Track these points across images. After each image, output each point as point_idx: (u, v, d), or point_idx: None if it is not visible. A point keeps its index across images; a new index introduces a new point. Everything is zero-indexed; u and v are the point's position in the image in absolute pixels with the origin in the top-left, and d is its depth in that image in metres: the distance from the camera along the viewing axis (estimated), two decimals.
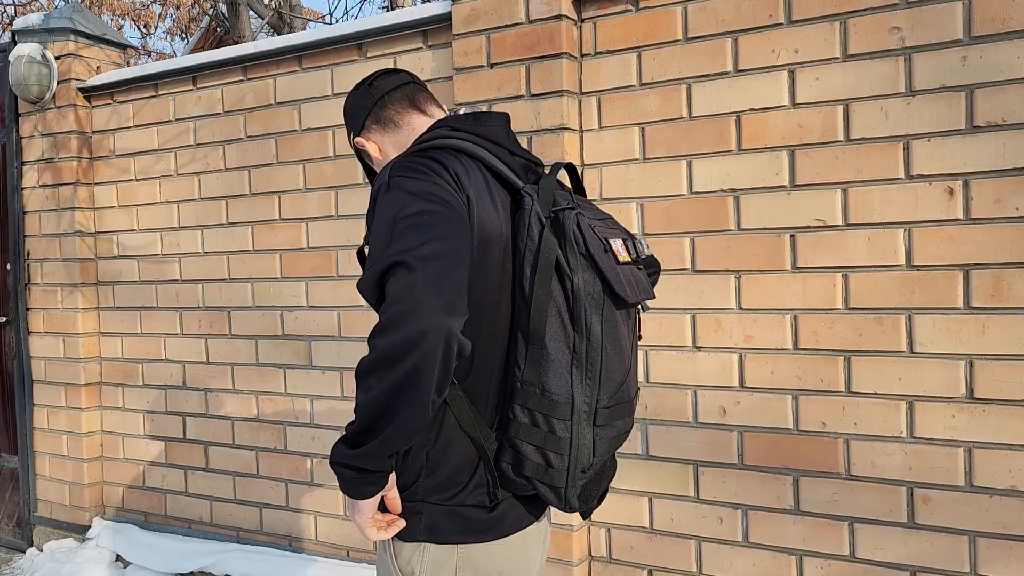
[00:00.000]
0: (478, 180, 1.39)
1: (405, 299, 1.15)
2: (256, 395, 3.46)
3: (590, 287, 1.33)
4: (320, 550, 3.33)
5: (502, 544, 1.43)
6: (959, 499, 2.22)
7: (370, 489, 1.30)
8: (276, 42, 3.33)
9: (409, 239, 1.20)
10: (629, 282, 1.40)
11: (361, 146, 1.63)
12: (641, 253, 1.49)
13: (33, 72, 3.79)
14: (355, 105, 1.65)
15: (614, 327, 1.37)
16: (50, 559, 3.78)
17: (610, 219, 1.52)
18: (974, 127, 2.18)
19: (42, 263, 3.97)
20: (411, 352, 1.14)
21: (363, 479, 1.27)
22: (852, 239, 2.32)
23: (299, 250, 3.32)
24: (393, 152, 1.59)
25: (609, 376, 1.36)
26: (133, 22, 13.92)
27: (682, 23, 2.54)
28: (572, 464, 1.35)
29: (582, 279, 1.33)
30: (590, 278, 1.34)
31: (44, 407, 4.02)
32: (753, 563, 2.48)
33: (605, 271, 1.34)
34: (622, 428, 1.44)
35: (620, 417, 1.41)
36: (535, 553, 1.53)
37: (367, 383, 1.19)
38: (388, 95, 1.61)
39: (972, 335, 2.19)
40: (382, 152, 1.62)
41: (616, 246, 1.41)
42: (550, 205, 1.38)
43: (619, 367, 1.38)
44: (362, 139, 1.63)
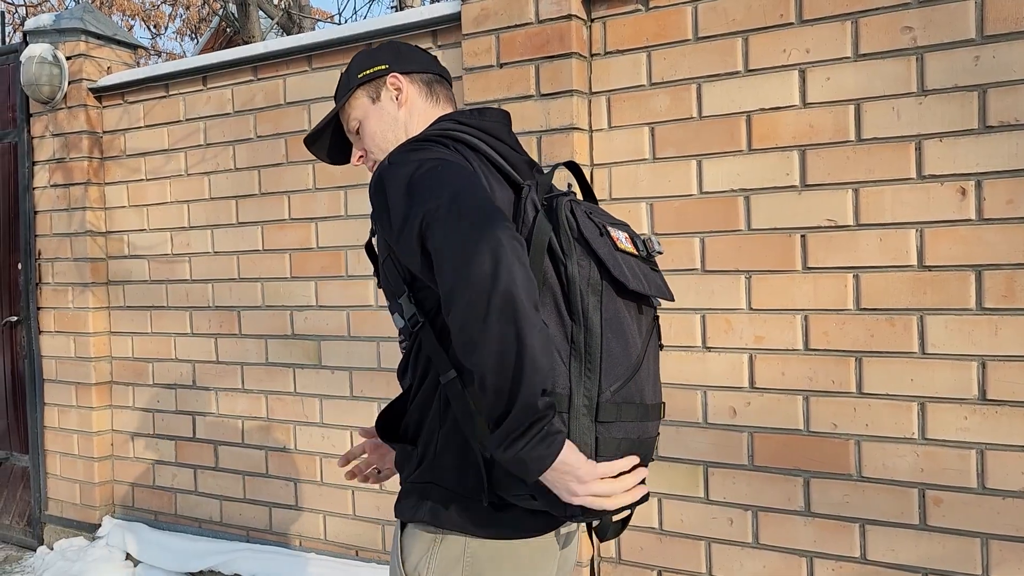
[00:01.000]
0: (483, 172, 1.37)
1: (456, 239, 1.14)
2: (266, 395, 3.47)
3: (585, 272, 1.27)
4: (329, 550, 3.33)
5: (511, 551, 1.35)
6: (971, 501, 2.21)
7: (556, 442, 1.15)
8: (286, 42, 3.34)
9: (432, 189, 1.20)
10: (632, 270, 1.32)
11: (395, 85, 1.54)
12: (652, 250, 1.42)
13: (44, 72, 3.80)
14: (396, 52, 1.59)
15: (616, 316, 1.28)
16: (61, 557, 3.79)
17: (618, 221, 1.46)
18: (987, 127, 2.16)
19: (53, 263, 3.99)
20: (497, 271, 1.11)
21: (541, 438, 1.14)
22: (863, 239, 2.31)
23: (309, 250, 3.32)
24: (396, 126, 1.55)
25: (611, 366, 1.26)
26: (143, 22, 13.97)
27: (692, 23, 2.53)
28: None
29: (576, 265, 1.26)
30: (586, 264, 1.27)
31: (55, 406, 4.04)
32: (763, 564, 2.47)
33: (601, 254, 1.27)
34: (634, 433, 1.29)
35: (631, 419, 1.28)
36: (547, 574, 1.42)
37: (470, 335, 1.12)
38: (432, 71, 1.61)
39: (984, 336, 2.18)
40: (404, 106, 1.54)
41: (615, 233, 1.35)
42: (546, 193, 1.35)
43: (624, 358, 1.28)
44: (399, 79, 1.54)
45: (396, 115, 1.55)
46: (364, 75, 1.55)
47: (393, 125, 1.55)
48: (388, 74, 1.55)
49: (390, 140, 1.54)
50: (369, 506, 3.21)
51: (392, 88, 1.55)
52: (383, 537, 3.20)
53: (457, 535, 1.35)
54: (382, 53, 1.58)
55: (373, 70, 1.55)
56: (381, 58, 1.57)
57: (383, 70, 1.55)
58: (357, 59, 1.59)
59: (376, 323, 3.15)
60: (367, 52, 1.59)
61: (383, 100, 1.55)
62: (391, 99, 1.55)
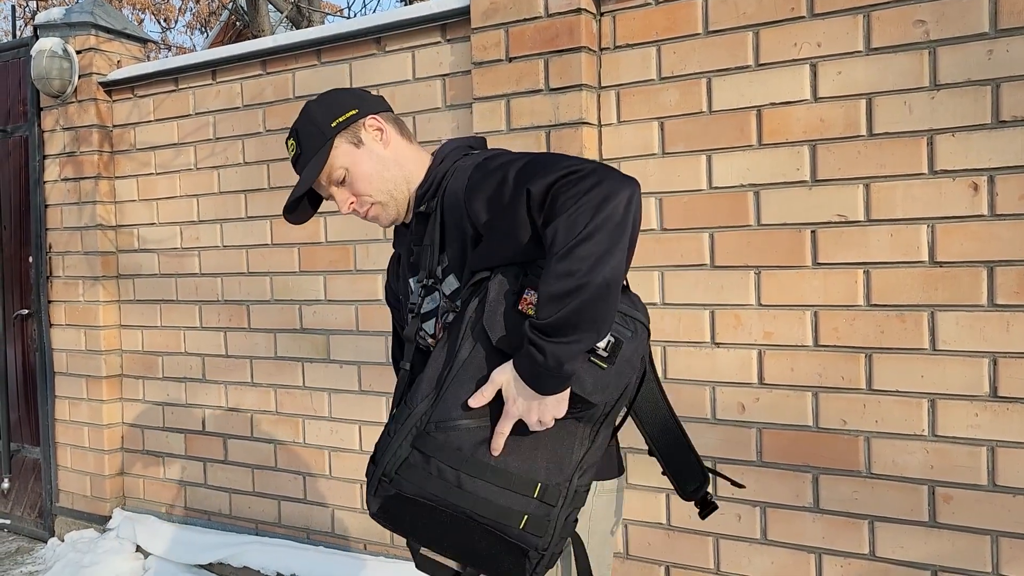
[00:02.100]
0: None
1: (592, 170, 1.28)
2: (275, 388, 3.48)
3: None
4: (338, 543, 3.34)
5: (607, 489, 1.55)
6: (981, 498, 2.20)
7: (576, 359, 1.30)
8: (295, 36, 3.34)
9: (559, 159, 1.34)
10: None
11: (375, 127, 1.56)
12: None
13: (55, 66, 3.81)
14: (357, 96, 1.60)
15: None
16: (71, 549, 3.82)
17: None
18: (1000, 122, 2.15)
19: (64, 256, 4.01)
20: (628, 189, 1.28)
21: (572, 349, 1.27)
22: (874, 235, 2.30)
23: (317, 244, 3.33)
24: (391, 164, 1.56)
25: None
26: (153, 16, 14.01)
27: (702, 16, 2.52)
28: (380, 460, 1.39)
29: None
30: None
31: (66, 399, 4.06)
32: (771, 561, 2.47)
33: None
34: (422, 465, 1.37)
35: (432, 451, 1.37)
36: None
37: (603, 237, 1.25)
38: (390, 110, 1.65)
39: (996, 333, 2.16)
40: (389, 146, 1.57)
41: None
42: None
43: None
44: (378, 119, 1.57)
45: (384, 154, 1.56)
46: (338, 123, 1.53)
47: (388, 164, 1.56)
48: (363, 117, 1.56)
49: (389, 179, 1.55)
50: None
51: (373, 130, 1.56)
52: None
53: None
54: (345, 99, 1.57)
55: (345, 116, 1.54)
56: (346, 104, 1.56)
57: (355, 115, 1.55)
58: (317, 111, 1.56)
59: (384, 317, 3.15)
60: (324, 103, 1.57)
61: (367, 143, 1.55)
62: (375, 140, 1.56)
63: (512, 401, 1.33)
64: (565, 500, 1.36)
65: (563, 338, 1.26)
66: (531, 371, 1.29)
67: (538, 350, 1.27)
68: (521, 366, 1.31)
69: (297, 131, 1.56)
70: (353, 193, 1.56)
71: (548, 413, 1.33)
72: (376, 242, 3.17)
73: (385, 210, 1.56)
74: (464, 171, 1.46)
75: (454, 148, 1.57)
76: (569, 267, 1.24)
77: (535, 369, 1.28)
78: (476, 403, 1.33)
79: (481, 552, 1.38)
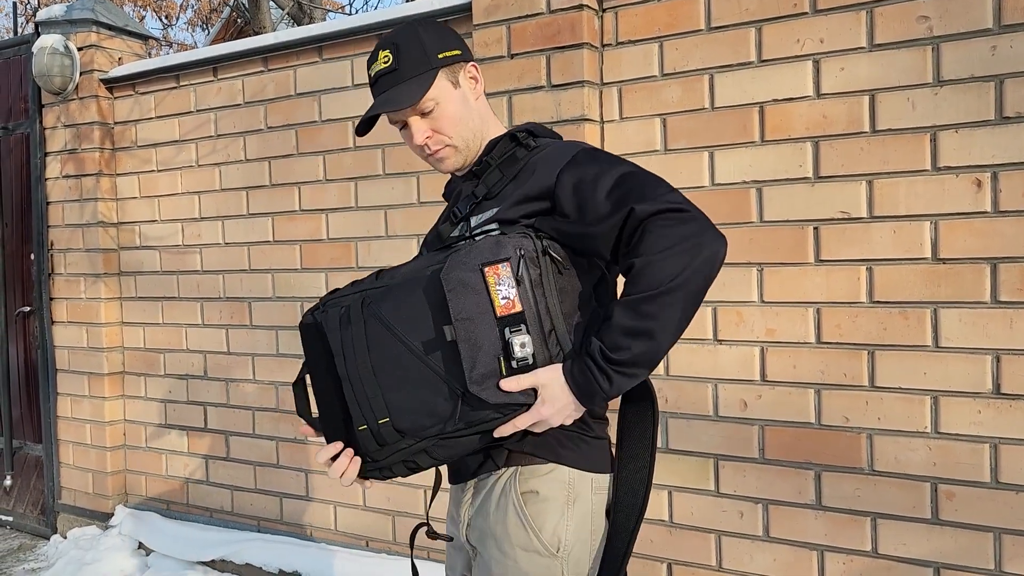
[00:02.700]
0: None
1: (694, 216, 1.29)
2: (276, 385, 3.48)
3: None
4: (340, 540, 3.34)
5: (601, 483, 1.51)
6: (984, 495, 2.19)
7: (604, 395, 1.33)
8: (296, 33, 3.34)
9: (659, 183, 1.36)
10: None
11: (474, 76, 1.54)
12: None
13: (56, 63, 3.81)
14: (460, 39, 1.55)
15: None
16: (74, 546, 3.82)
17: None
18: (1003, 118, 2.14)
19: (65, 253, 4.01)
20: (723, 248, 1.30)
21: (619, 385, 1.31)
22: (877, 231, 2.29)
23: (319, 241, 3.32)
24: (475, 116, 1.53)
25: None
26: (155, 13, 14.00)
27: (705, 12, 2.51)
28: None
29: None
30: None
31: (68, 396, 4.06)
32: (774, 558, 2.47)
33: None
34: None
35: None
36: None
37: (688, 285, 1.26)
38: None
39: (999, 329, 2.16)
40: (480, 99, 1.54)
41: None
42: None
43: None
44: (476, 70, 1.54)
45: (474, 105, 1.53)
46: (444, 56, 1.49)
47: (473, 114, 1.52)
48: (466, 61, 1.53)
49: (471, 128, 1.52)
50: (380, 497, 3.22)
51: (470, 77, 1.53)
52: (393, 528, 3.20)
53: (582, 474, 1.46)
54: (451, 37, 1.53)
55: (451, 53, 1.50)
56: (452, 42, 1.52)
57: (459, 55, 1.51)
58: (426, 35, 1.50)
59: None
60: (433, 30, 1.52)
61: (463, 87, 1.52)
62: (470, 87, 1.53)
63: (548, 404, 1.33)
64: (400, 452, 1.39)
65: (628, 370, 1.29)
66: (587, 390, 1.31)
67: (606, 377, 1.29)
68: (577, 382, 1.31)
69: (397, 46, 1.48)
70: (433, 129, 1.50)
71: (569, 420, 1.37)
72: (378, 239, 3.17)
73: (455, 155, 1.53)
74: (569, 147, 1.44)
75: (535, 126, 1.55)
76: (651, 310, 1.26)
77: (592, 389, 1.31)
78: (508, 387, 1.31)
79: (335, 411, 1.46)
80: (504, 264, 1.31)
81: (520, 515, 1.43)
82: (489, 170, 1.48)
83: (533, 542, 1.42)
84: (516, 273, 1.32)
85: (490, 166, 1.48)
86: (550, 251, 1.35)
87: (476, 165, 1.52)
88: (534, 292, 1.33)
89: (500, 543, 1.44)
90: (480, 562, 1.49)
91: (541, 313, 1.33)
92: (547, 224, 1.38)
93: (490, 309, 1.31)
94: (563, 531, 1.42)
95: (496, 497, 1.46)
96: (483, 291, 1.32)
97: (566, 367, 1.33)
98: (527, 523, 1.42)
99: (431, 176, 3.01)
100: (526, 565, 1.42)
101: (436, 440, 1.38)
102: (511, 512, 1.43)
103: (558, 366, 1.33)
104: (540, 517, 1.42)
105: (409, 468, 1.43)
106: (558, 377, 1.32)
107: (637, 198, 1.30)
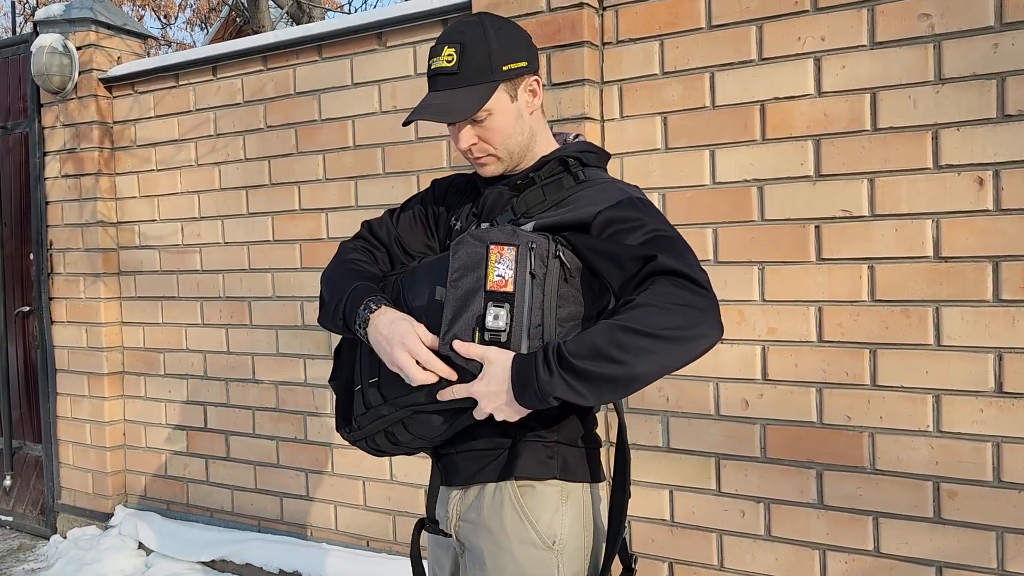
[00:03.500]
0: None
1: (709, 297, 1.29)
2: (276, 385, 3.47)
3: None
4: (340, 539, 3.34)
5: (600, 493, 1.55)
6: (986, 494, 2.19)
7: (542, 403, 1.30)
8: (295, 32, 3.33)
9: (686, 249, 1.34)
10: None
11: (534, 91, 1.49)
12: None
13: (55, 62, 3.80)
14: (530, 47, 1.50)
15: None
16: (73, 546, 3.82)
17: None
18: (1005, 116, 2.13)
19: (65, 253, 4.00)
20: (716, 337, 1.29)
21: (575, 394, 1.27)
22: (878, 230, 2.29)
23: (319, 240, 3.32)
24: (526, 131, 1.50)
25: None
26: (153, 12, 13.99)
27: (705, 11, 2.50)
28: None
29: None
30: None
31: (67, 396, 4.05)
32: (776, 557, 2.46)
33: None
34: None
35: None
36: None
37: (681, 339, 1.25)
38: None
39: (1001, 328, 2.15)
40: (535, 113, 1.51)
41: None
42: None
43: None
44: (538, 85, 1.50)
45: (527, 120, 1.49)
46: (509, 68, 1.44)
47: (524, 128, 1.49)
48: (529, 73, 1.48)
49: (519, 142, 1.49)
50: (380, 496, 3.22)
51: (529, 91, 1.49)
52: (393, 527, 3.20)
53: (576, 484, 1.47)
54: (520, 45, 1.48)
55: (517, 65, 1.45)
56: (520, 51, 1.47)
57: (524, 68, 1.47)
58: (496, 43, 1.44)
59: None
60: (505, 37, 1.46)
61: (520, 101, 1.48)
62: (527, 102, 1.49)
63: (483, 381, 1.32)
64: (382, 419, 1.45)
65: (574, 381, 1.25)
66: (524, 379, 1.28)
67: (547, 370, 1.26)
68: (519, 369, 1.29)
69: (464, 46, 1.43)
70: (480, 137, 1.47)
71: (503, 412, 1.34)
72: None
73: (497, 164, 1.50)
74: (615, 192, 1.42)
75: (586, 149, 1.52)
76: (629, 344, 1.23)
77: (527, 379, 1.28)
78: (458, 348, 1.34)
79: (346, 373, 1.56)
80: (510, 248, 1.33)
81: (516, 507, 1.44)
82: (532, 188, 1.46)
83: (530, 534, 1.42)
84: (520, 260, 1.33)
85: (534, 183, 1.47)
86: (561, 255, 1.34)
87: (521, 179, 1.49)
88: (532, 285, 1.33)
89: (495, 536, 1.44)
90: (471, 557, 1.49)
91: (533, 306, 1.33)
92: (575, 238, 1.38)
93: (483, 282, 1.33)
94: (559, 524, 1.44)
95: (491, 491, 1.46)
96: (483, 264, 1.34)
97: (517, 356, 1.31)
98: (524, 515, 1.43)
99: (431, 175, 3.01)
100: (522, 558, 1.42)
101: (412, 411, 1.42)
102: (507, 504, 1.44)
103: (511, 352, 1.32)
104: (537, 509, 1.43)
105: (391, 442, 1.48)
106: (504, 359, 1.31)
107: (665, 252, 1.29)
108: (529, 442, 1.45)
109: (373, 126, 3.16)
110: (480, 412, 1.35)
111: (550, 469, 1.44)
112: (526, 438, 1.44)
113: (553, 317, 1.34)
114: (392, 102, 3.12)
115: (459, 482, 1.50)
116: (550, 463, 1.45)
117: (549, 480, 1.44)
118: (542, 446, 1.45)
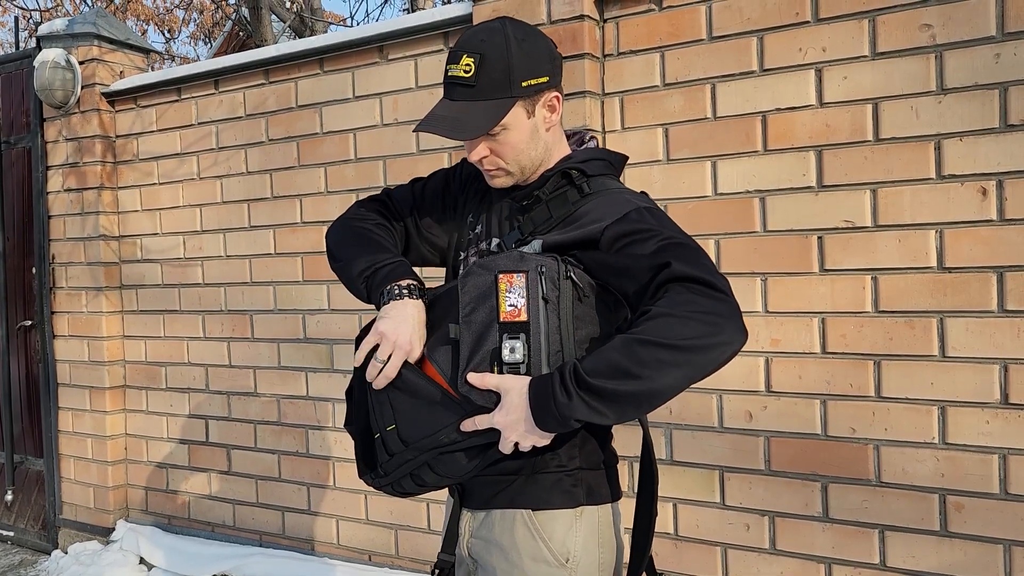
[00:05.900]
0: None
1: (729, 302, 1.25)
2: (278, 398, 3.46)
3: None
4: (342, 554, 3.32)
5: (612, 512, 1.51)
6: (993, 507, 2.17)
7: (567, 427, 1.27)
8: (297, 45, 3.34)
9: (700, 253, 1.31)
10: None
11: (553, 108, 1.45)
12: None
13: (58, 77, 3.81)
14: (555, 60, 1.46)
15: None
16: (75, 561, 3.80)
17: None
18: (1008, 125, 2.13)
19: (67, 267, 4.00)
20: (740, 343, 1.25)
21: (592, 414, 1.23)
22: (882, 240, 2.28)
23: (321, 253, 3.31)
24: (540, 146, 1.46)
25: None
26: (157, 27, 14.06)
27: (706, 22, 2.50)
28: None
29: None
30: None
31: (69, 410, 4.04)
32: (781, 571, 2.44)
33: None
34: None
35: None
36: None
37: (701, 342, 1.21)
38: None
39: (1007, 339, 2.14)
40: (552, 128, 1.47)
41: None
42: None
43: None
44: (557, 102, 1.46)
45: (542, 136, 1.45)
46: (529, 85, 1.40)
47: (538, 144, 1.46)
48: (550, 90, 1.44)
49: (532, 157, 1.45)
50: (382, 511, 3.20)
51: (547, 107, 1.45)
52: (396, 542, 3.18)
53: (591, 507, 1.45)
54: (543, 60, 1.43)
55: (537, 82, 1.41)
56: (542, 66, 1.42)
57: (544, 84, 1.42)
58: (519, 56, 1.39)
59: None
60: (528, 50, 1.40)
61: (537, 117, 1.44)
62: (544, 118, 1.45)
63: (503, 411, 1.29)
64: (407, 464, 1.39)
65: (594, 401, 1.21)
66: (543, 403, 1.25)
67: (565, 393, 1.22)
68: (536, 391, 1.26)
69: (483, 57, 1.38)
70: (493, 151, 1.43)
71: (528, 439, 1.30)
72: None
73: (507, 178, 1.47)
74: (622, 204, 1.39)
75: (591, 158, 1.49)
76: (648, 359, 1.19)
77: (546, 403, 1.24)
78: (472, 380, 1.31)
79: (361, 419, 1.48)
80: (520, 275, 1.30)
81: (529, 524, 1.41)
82: (538, 206, 1.44)
83: (543, 551, 1.40)
84: (531, 287, 1.30)
85: (540, 201, 1.45)
86: (572, 276, 1.32)
87: (526, 199, 1.47)
88: (547, 310, 1.30)
89: (507, 553, 1.42)
90: (482, 575, 1.47)
91: (551, 331, 1.29)
92: (586, 256, 1.36)
93: (495, 313, 1.30)
94: (572, 542, 1.41)
95: (503, 507, 1.44)
96: (493, 295, 1.31)
97: (533, 380, 1.28)
98: (536, 532, 1.41)
99: None
100: (534, 574, 1.40)
101: (436, 453, 1.37)
102: (519, 521, 1.42)
103: (527, 378, 1.29)
104: (549, 526, 1.41)
105: (417, 484, 1.42)
106: (520, 386, 1.28)
107: (679, 258, 1.26)
108: (551, 473, 1.41)
109: (375, 139, 3.17)
110: (505, 444, 1.31)
111: (575, 498, 1.42)
112: (548, 468, 1.41)
113: (572, 340, 1.31)
114: (394, 115, 3.12)
115: (476, 505, 1.48)
116: (575, 491, 1.43)
117: (575, 508, 1.43)
118: (565, 476, 1.42)
